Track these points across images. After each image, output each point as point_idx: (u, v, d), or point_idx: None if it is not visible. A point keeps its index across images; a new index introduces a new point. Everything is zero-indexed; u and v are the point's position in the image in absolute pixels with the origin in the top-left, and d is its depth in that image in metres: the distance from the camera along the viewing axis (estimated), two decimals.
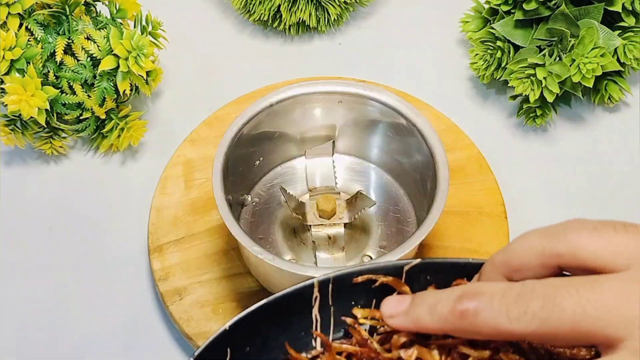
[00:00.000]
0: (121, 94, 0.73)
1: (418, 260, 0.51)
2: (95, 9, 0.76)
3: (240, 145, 0.65)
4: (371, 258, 0.67)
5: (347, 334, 0.51)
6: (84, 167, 0.77)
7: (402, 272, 0.51)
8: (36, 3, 0.72)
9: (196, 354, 0.48)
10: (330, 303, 0.51)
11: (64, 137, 0.76)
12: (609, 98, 0.79)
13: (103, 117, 0.74)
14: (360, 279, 0.50)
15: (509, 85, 0.77)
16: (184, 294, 0.66)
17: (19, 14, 0.71)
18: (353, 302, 0.51)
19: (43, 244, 0.72)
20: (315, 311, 0.51)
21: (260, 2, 0.83)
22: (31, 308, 0.69)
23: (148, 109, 0.81)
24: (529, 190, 0.75)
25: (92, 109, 0.73)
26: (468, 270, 0.51)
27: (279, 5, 0.83)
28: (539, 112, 0.77)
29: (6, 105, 0.69)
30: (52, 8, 0.72)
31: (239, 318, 0.49)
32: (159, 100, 0.81)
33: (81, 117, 0.74)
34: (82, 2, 0.73)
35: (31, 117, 0.70)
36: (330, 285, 0.51)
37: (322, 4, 0.83)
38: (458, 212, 0.71)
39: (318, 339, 0.51)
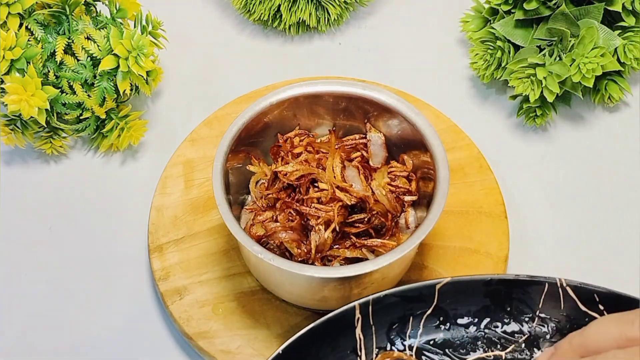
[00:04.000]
0: (121, 93, 0.73)
1: (448, 279, 0.56)
2: (95, 8, 0.76)
3: (240, 145, 0.65)
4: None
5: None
6: (84, 167, 0.77)
7: (434, 291, 0.57)
8: (36, 3, 0.72)
9: None
10: (371, 322, 0.57)
11: (64, 137, 0.76)
12: (609, 98, 0.79)
13: (103, 116, 0.74)
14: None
15: (509, 85, 0.77)
16: (184, 293, 0.66)
17: (19, 13, 0.71)
18: (391, 320, 0.57)
19: (43, 243, 0.72)
20: (358, 331, 0.56)
21: (260, 2, 0.83)
22: (31, 308, 0.69)
23: (148, 109, 0.81)
24: (529, 190, 0.75)
25: (92, 108, 0.73)
26: (493, 285, 0.57)
27: (279, 5, 0.83)
28: (539, 112, 0.77)
29: (6, 105, 0.69)
30: (52, 8, 0.72)
31: (291, 342, 0.54)
32: (159, 100, 0.81)
33: (81, 117, 0.74)
34: (82, 2, 0.73)
35: (31, 117, 0.70)
36: (370, 307, 0.56)
37: (322, 3, 0.83)
38: (458, 212, 0.71)
39: (363, 356, 0.57)
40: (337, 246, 0.63)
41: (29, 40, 0.71)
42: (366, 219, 0.64)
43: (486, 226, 0.70)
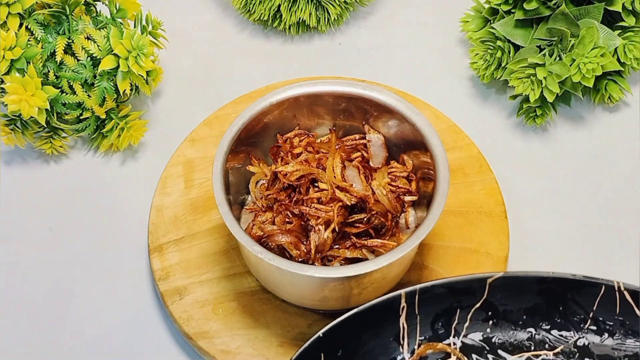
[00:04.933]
0: (121, 93, 0.73)
1: (500, 274, 0.55)
2: (95, 8, 0.76)
3: (240, 145, 0.65)
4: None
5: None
6: (84, 167, 0.77)
7: (485, 284, 0.56)
8: (36, 3, 0.72)
9: (293, 358, 0.52)
10: (416, 312, 0.56)
11: (64, 137, 0.76)
12: (609, 98, 0.79)
13: (103, 116, 0.74)
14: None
15: (509, 84, 0.77)
16: (184, 293, 0.66)
17: (19, 13, 0.71)
18: (437, 311, 0.56)
19: (43, 243, 0.72)
20: (402, 319, 0.56)
21: (260, 2, 0.83)
22: (31, 308, 0.69)
23: (148, 109, 0.81)
24: (529, 190, 0.75)
25: (92, 108, 0.73)
26: (547, 283, 0.56)
27: (279, 5, 0.83)
28: (539, 112, 0.77)
29: (6, 105, 0.69)
30: (52, 8, 0.72)
31: (332, 325, 0.54)
32: (159, 100, 0.81)
33: (81, 117, 0.74)
34: (82, 2, 0.73)
35: (31, 117, 0.70)
36: (417, 296, 0.55)
37: (322, 3, 0.83)
38: (458, 212, 0.71)
39: (405, 344, 0.56)
40: (337, 246, 0.63)
41: (29, 40, 0.71)
42: (366, 219, 0.64)
43: (486, 226, 0.70)
